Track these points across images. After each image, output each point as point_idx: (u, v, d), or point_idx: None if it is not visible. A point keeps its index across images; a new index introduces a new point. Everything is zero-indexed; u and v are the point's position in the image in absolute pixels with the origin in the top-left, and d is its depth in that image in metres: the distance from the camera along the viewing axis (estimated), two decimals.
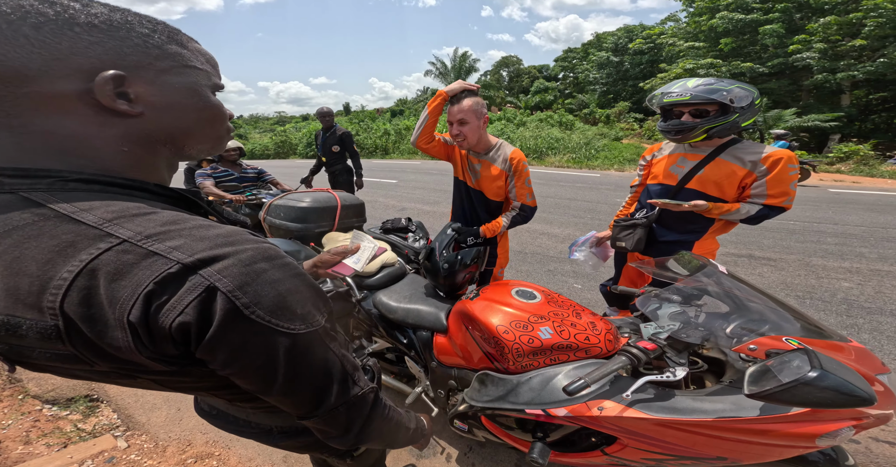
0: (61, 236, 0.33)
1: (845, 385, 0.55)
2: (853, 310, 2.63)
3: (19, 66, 0.32)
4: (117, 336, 0.34)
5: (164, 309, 0.33)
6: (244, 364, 0.39)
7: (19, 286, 0.33)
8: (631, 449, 0.87)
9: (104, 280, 0.33)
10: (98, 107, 0.36)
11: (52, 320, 0.33)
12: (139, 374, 0.40)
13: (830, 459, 0.85)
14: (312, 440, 0.70)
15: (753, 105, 1.31)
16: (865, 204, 5.97)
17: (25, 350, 0.36)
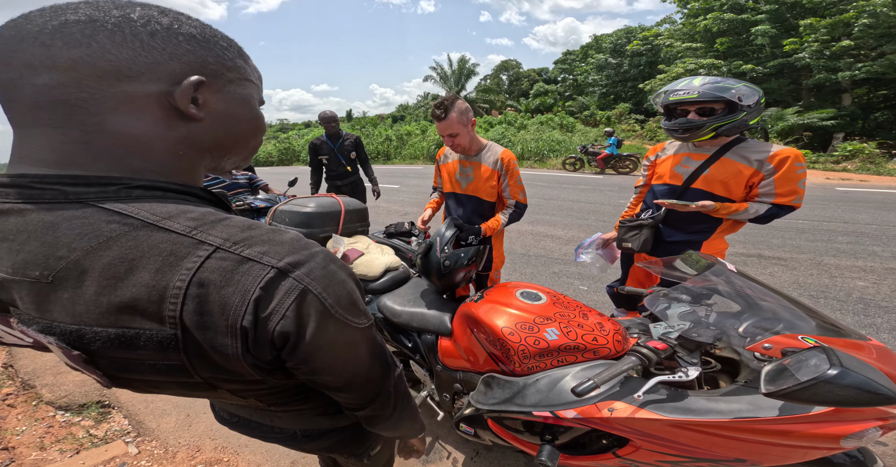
0: (159, 245, 0.34)
1: (868, 383, 0.54)
2: (870, 309, 2.57)
3: (123, 66, 0.34)
4: (226, 343, 0.35)
5: (269, 313, 0.35)
6: (332, 361, 0.43)
7: (137, 297, 0.33)
8: (644, 451, 0.85)
9: (213, 287, 0.34)
10: (169, 109, 0.37)
11: (172, 329, 0.34)
12: (226, 384, 0.42)
13: (857, 461, 0.83)
14: (335, 441, 0.72)
15: (759, 104, 1.30)
16: (875, 202, 5.89)
17: (133, 363, 0.36)
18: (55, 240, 0.33)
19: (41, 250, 0.33)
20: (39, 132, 0.34)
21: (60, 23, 0.32)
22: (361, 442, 0.81)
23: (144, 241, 0.34)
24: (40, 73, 0.32)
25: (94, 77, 0.33)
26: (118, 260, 0.33)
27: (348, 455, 0.81)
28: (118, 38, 0.34)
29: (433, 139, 17.29)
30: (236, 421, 0.71)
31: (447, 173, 1.85)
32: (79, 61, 0.33)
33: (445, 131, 1.59)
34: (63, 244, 0.33)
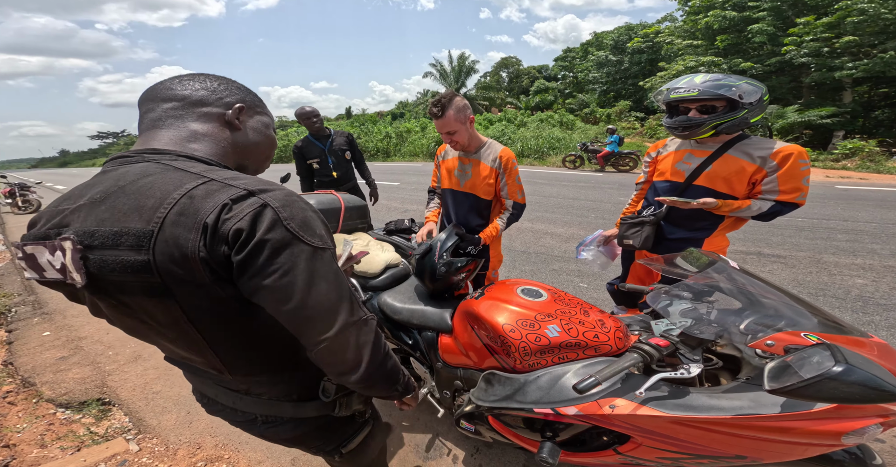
0: (176, 177, 0.52)
1: (873, 379, 0.53)
2: (869, 306, 2.58)
3: (205, 99, 0.62)
4: (189, 237, 0.47)
5: (231, 215, 0.48)
6: (275, 268, 0.49)
7: (144, 205, 0.49)
8: (645, 447, 0.85)
9: (197, 199, 0.49)
10: (224, 121, 0.64)
11: (153, 226, 0.48)
12: (179, 288, 0.50)
13: (856, 458, 0.83)
14: (299, 433, 0.74)
15: (762, 101, 1.28)
16: (874, 200, 5.89)
17: (110, 262, 0.49)
18: (121, 177, 0.54)
19: (111, 182, 0.53)
20: (159, 132, 0.60)
21: (179, 78, 0.64)
22: (329, 438, 0.80)
23: (169, 175, 0.52)
24: (166, 102, 0.61)
25: (190, 104, 0.62)
26: (147, 184, 0.51)
27: (316, 450, 0.81)
28: (204, 85, 0.64)
29: (433, 136, 17.25)
30: (206, 401, 0.76)
31: (446, 170, 1.84)
32: (185, 97, 0.62)
33: (443, 129, 1.58)
34: (124, 179, 0.53)
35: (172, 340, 0.60)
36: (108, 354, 2.42)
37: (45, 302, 3.31)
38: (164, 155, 0.56)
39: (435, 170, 1.99)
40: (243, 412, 0.71)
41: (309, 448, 0.82)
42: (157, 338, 0.61)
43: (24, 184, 8.94)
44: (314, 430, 0.75)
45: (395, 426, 1.68)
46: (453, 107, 1.52)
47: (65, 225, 0.52)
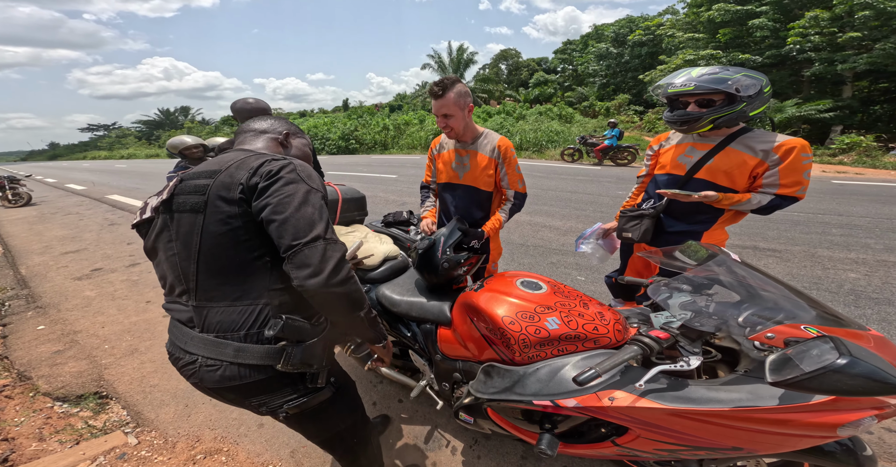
0: (250, 159, 0.80)
1: (877, 372, 0.53)
2: (861, 300, 2.61)
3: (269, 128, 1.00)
4: (242, 174, 0.76)
5: (267, 164, 0.78)
6: (281, 192, 0.74)
7: (223, 162, 0.81)
8: (643, 439, 0.85)
9: (251, 158, 0.80)
10: (279, 143, 0.98)
11: (219, 168, 0.80)
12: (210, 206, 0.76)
13: (847, 449, 0.84)
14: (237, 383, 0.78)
15: (762, 93, 1.27)
16: (869, 195, 5.93)
17: (188, 184, 0.80)
18: (227, 156, 0.85)
19: (219, 159, 0.85)
20: (248, 142, 0.96)
21: (259, 117, 1.02)
22: (271, 394, 0.82)
23: (246, 159, 0.81)
24: (248, 132, 0.98)
25: (260, 132, 0.98)
26: (238, 163, 0.80)
27: (257, 406, 0.83)
28: (271, 121, 1.02)
29: (431, 129, 17.10)
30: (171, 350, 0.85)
31: (443, 163, 1.80)
32: (258, 127, 0.99)
33: (441, 110, 1.53)
34: (231, 156, 0.84)
35: (174, 254, 0.80)
36: (104, 348, 2.41)
37: (39, 295, 3.29)
38: (248, 152, 0.87)
39: (429, 164, 1.94)
40: (190, 353, 0.79)
41: (250, 403, 0.83)
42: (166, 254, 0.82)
43: (13, 178, 8.79)
44: (254, 382, 0.79)
45: (394, 418, 1.69)
46: (455, 90, 1.50)
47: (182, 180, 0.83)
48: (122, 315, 2.85)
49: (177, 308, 0.83)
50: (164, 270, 0.84)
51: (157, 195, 0.85)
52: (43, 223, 6.37)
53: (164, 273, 0.84)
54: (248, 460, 1.54)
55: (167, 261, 0.82)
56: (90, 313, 2.90)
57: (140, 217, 0.85)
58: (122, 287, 3.38)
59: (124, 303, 3.04)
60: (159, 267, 0.85)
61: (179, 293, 0.82)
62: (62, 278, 3.68)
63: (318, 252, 0.71)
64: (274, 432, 1.66)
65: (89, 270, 3.87)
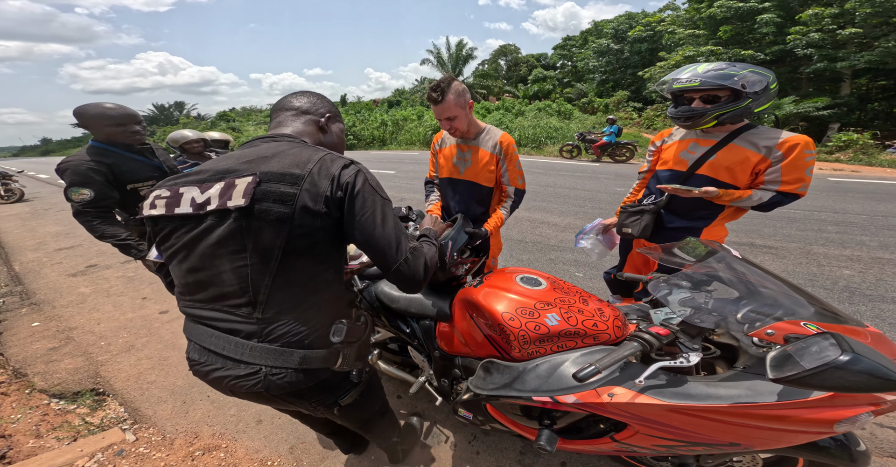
0: (310, 150, 0.80)
1: (879, 368, 0.53)
2: (855, 297, 2.63)
3: (310, 109, 0.94)
4: (325, 182, 0.74)
5: (345, 174, 0.76)
6: (366, 206, 0.76)
7: (298, 161, 0.76)
8: (642, 435, 0.86)
9: (327, 162, 0.77)
10: (318, 126, 0.94)
11: (306, 172, 0.74)
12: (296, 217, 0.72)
13: (842, 444, 0.84)
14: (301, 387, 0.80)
15: (768, 90, 1.26)
16: (865, 192, 5.97)
17: (271, 190, 0.72)
18: (274, 148, 0.80)
19: (270, 150, 0.80)
20: (283, 128, 0.90)
21: (295, 95, 0.96)
22: (328, 392, 0.87)
23: (305, 149, 0.81)
24: (287, 111, 0.93)
25: (301, 112, 0.92)
26: (296, 151, 0.79)
27: (315, 405, 0.86)
28: (309, 100, 0.95)
29: (430, 124, 17.01)
30: (204, 360, 0.79)
31: (444, 158, 1.79)
32: (297, 108, 0.93)
33: (443, 114, 1.52)
34: (277, 149, 0.80)
35: (245, 265, 0.74)
36: (99, 344, 2.40)
37: (33, 292, 3.26)
38: (291, 139, 0.85)
39: (432, 158, 1.94)
40: (248, 364, 0.76)
41: (309, 402, 0.86)
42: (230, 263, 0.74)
43: (5, 173, 8.67)
44: (315, 384, 0.82)
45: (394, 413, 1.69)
46: (453, 91, 1.47)
47: (230, 173, 0.75)
48: (117, 311, 2.83)
49: (224, 317, 0.77)
50: (207, 277, 0.76)
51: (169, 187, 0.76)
52: (36, 219, 6.30)
53: (209, 280, 0.76)
54: (246, 456, 1.54)
55: (232, 272, 0.74)
56: (85, 310, 2.88)
57: (169, 211, 0.74)
58: (118, 283, 3.35)
59: (120, 300, 3.01)
60: (197, 273, 0.76)
61: (237, 305, 0.76)
62: (56, 275, 3.64)
63: (409, 269, 0.81)
64: (272, 428, 1.66)
65: (84, 267, 3.83)
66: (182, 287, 0.81)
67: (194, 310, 0.80)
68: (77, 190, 1.72)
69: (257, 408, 1.77)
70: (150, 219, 0.78)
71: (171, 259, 0.79)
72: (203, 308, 0.79)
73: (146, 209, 0.78)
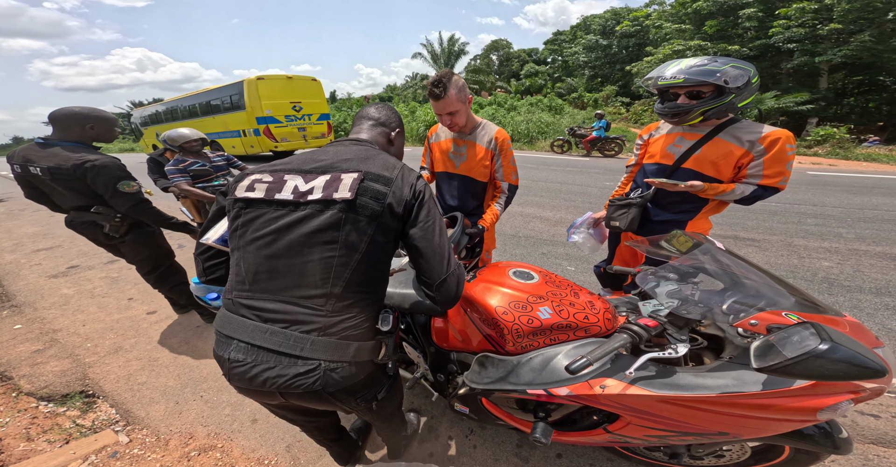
0: (392, 158, 0.89)
1: (857, 357, 0.56)
2: (833, 288, 2.73)
3: (384, 121, 1.04)
4: (406, 188, 0.81)
5: (419, 185, 0.84)
6: (430, 216, 0.83)
7: (388, 166, 0.84)
8: (633, 426, 0.88)
9: (406, 171, 0.86)
10: (389, 138, 1.05)
11: (395, 176, 0.82)
12: (383, 215, 0.78)
13: (825, 432, 0.87)
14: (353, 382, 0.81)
15: (750, 84, 1.28)
16: (842, 186, 6.16)
17: (370, 188, 0.78)
18: (363, 151, 0.88)
19: (362, 153, 0.88)
20: (362, 133, 1.01)
21: (376, 107, 1.07)
22: (371, 385, 0.90)
23: (387, 156, 0.90)
24: (368, 120, 1.04)
25: (378, 123, 1.03)
26: (384, 157, 0.88)
27: (358, 401, 0.87)
28: (385, 113, 1.06)
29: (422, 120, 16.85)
30: (251, 360, 0.75)
31: (440, 152, 1.78)
32: (378, 117, 1.04)
33: (444, 110, 1.50)
34: (366, 152, 0.88)
35: (333, 256, 0.76)
36: (86, 346, 2.34)
37: (13, 294, 3.15)
38: (371, 145, 0.94)
39: (425, 151, 1.93)
40: (306, 359, 0.75)
41: (355, 399, 0.86)
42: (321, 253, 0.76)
43: None
44: (364, 378, 0.85)
45: None
46: (454, 86, 1.46)
47: (333, 168, 0.81)
48: (103, 313, 2.76)
49: (290, 309, 0.76)
50: (288, 266, 0.76)
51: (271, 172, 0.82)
52: (11, 220, 6.06)
53: (289, 269, 0.76)
54: (243, 456, 1.53)
55: (320, 262, 0.75)
56: (69, 311, 2.80)
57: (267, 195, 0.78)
58: (102, 284, 3.26)
59: (105, 301, 2.94)
60: (278, 260, 0.76)
61: (311, 296, 0.76)
62: (36, 276, 3.53)
63: (453, 285, 0.85)
64: (268, 427, 1.66)
65: (65, 268, 3.72)
66: (250, 275, 0.78)
67: (253, 300, 0.78)
68: (128, 182, 1.89)
69: (252, 408, 1.76)
70: (243, 201, 0.80)
71: (250, 244, 0.78)
72: (266, 299, 0.77)
73: (242, 191, 0.81)
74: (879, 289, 2.68)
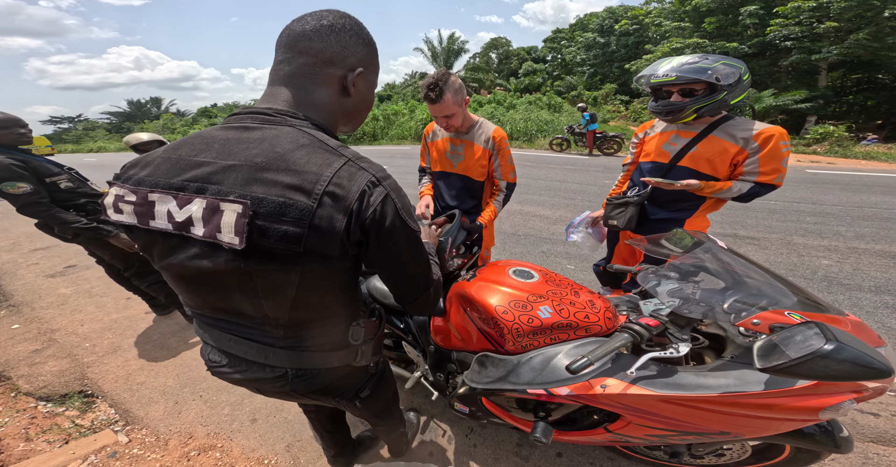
0: (324, 153, 0.57)
1: (863, 357, 0.55)
2: (833, 286, 2.73)
3: (335, 56, 0.62)
4: (340, 217, 0.54)
5: (367, 205, 0.56)
6: (392, 243, 0.61)
7: (304, 178, 0.54)
8: (634, 425, 0.88)
9: (345, 180, 0.55)
10: (341, 87, 0.66)
11: (313, 201, 0.53)
12: (309, 257, 0.56)
13: (826, 431, 0.87)
14: (325, 383, 0.79)
15: (741, 81, 1.28)
16: (841, 184, 6.17)
17: (270, 229, 0.53)
18: (275, 142, 0.57)
19: (267, 147, 0.56)
20: (285, 89, 0.63)
21: (319, 25, 0.61)
22: (349, 385, 0.87)
23: (317, 149, 0.57)
24: (303, 57, 0.62)
25: (321, 62, 0.62)
26: (304, 155, 0.56)
27: (338, 399, 0.86)
28: (339, 38, 0.62)
29: (421, 119, 16.82)
30: (226, 363, 0.75)
31: (437, 151, 1.77)
32: (319, 51, 0.61)
33: (440, 113, 1.49)
34: (279, 145, 0.56)
35: (252, 299, 0.62)
36: (84, 346, 2.33)
37: (11, 294, 3.13)
38: (302, 120, 0.62)
39: (423, 150, 1.92)
40: (273, 367, 0.73)
41: (332, 398, 0.86)
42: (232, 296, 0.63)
43: None
44: (337, 379, 0.81)
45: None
46: (450, 89, 1.43)
47: (213, 182, 0.55)
48: (101, 312, 2.75)
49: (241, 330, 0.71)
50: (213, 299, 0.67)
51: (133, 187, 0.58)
52: (8, 219, 6.02)
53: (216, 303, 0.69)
54: (242, 455, 1.53)
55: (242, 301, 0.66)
56: (67, 311, 2.79)
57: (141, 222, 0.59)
58: (99, 284, 3.25)
59: (103, 301, 2.93)
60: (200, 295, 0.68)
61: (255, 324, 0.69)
62: (34, 276, 3.51)
63: (430, 301, 0.77)
64: (268, 427, 1.65)
65: (62, 267, 3.70)
66: (183, 297, 0.71)
67: (205, 316, 0.72)
68: (13, 184, 1.72)
69: (252, 407, 1.76)
70: (121, 226, 0.62)
71: (165, 271, 0.65)
72: (216, 318, 0.71)
73: (111, 212, 0.61)
74: (879, 288, 2.68)
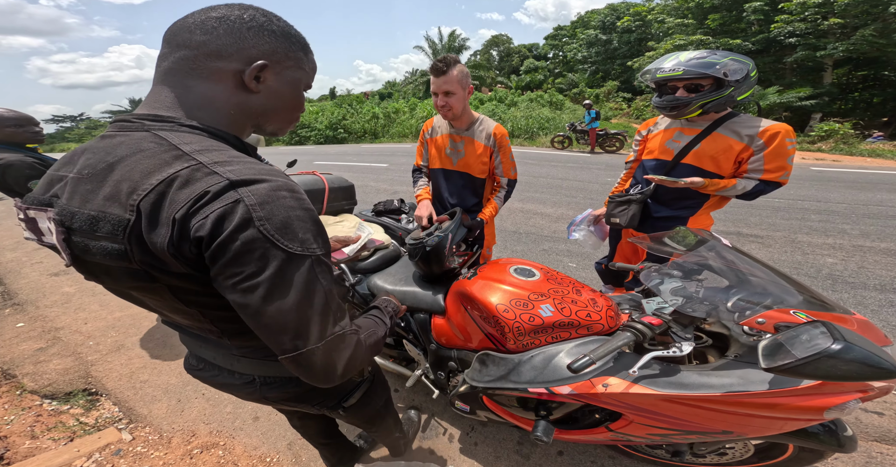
0: (164, 156, 0.45)
1: (871, 357, 0.54)
2: (838, 285, 2.71)
3: (224, 49, 0.50)
4: (161, 232, 0.43)
5: (198, 211, 0.42)
6: (239, 270, 0.44)
7: (121, 189, 0.44)
8: (636, 424, 0.87)
9: (175, 187, 0.43)
10: (238, 82, 0.53)
11: (129, 214, 0.43)
12: (161, 276, 0.47)
13: (830, 430, 0.86)
14: (299, 391, 0.73)
15: (749, 77, 1.26)
16: (846, 181, 6.12)
17: (91, 245, 0.46)
18: (113, 149, 0.47)
19: (101, 156, 0.48)
20: (165, 89, 0.52)
21: (206, 17, 0.50)
22: (329, 394, 0.81)
23: (160, 154, 0.46)
24: (181, 50, 0.50)
25: (204, 55, 0.50)
26: (133, 162, 0.45)
27: (319, 407, 0.81)
28: (230, 28, 0.50)
29: (422, 116, 16.79)
30: (202, 367, 0.74)
31: (436, 148, 1.76)
32: (201, 44, 0.50)
33: (443, 87, 1.47)
34: (115, 153, 0.47)
35: (168, 312, 0.59)
36: (88, 344, 2.34)
37: (15, 292, 3.16)
38: (166, 123, 0.49)
39: (420, 148, 1.89)
40: (241, 374, 0.70)
41: (312, 405, 0.81)
42: (155, 309, 0.60)
43: None
44: (313, 388, 0.72)
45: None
46: (458, 68, 1.46)
47: (57, 195, 0.50)
48: (104, 311, 2.76)
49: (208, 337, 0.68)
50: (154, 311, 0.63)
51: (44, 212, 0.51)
52: (12, 218, 6.06)
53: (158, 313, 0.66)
54: (245, 453, 1.53)
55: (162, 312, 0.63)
56: (71, 309, 2.81)
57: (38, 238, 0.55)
58: None
59: (106, 299, 2.94)
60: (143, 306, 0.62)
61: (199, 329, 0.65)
62: (38, 274, 3.53)
63: (314, 364, 0.50)
64: (270, 425, 1.66)
65: (66, 266, 3.73)
66: None
67: (169, 323, 0.70)
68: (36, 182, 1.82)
69: (254, 405, 1.77)
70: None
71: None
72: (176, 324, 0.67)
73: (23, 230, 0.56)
74: (884, 286, 2.66)
